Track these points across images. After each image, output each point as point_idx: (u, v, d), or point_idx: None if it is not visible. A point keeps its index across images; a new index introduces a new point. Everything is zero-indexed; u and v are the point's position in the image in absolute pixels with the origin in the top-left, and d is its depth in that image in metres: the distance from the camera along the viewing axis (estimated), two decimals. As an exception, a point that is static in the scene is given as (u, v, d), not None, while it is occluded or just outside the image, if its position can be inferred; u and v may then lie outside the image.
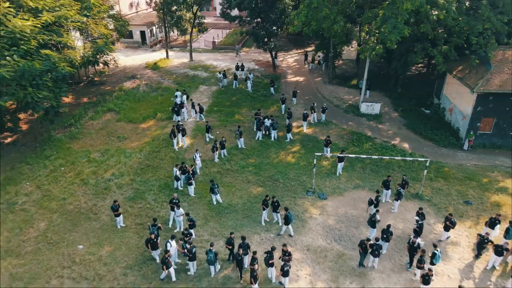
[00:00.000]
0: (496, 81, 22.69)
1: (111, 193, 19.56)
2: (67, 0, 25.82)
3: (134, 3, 50.07)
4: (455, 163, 22.44)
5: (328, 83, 34.58)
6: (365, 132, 26.00)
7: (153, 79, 35.15)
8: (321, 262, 15.34)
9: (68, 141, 24.46)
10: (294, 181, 20.42)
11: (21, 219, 17.71)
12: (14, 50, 20.39)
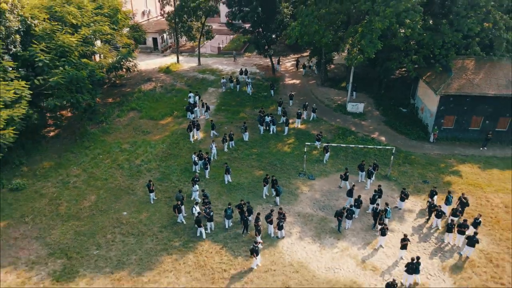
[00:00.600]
0: (455, 85, 27.75)
1: (142, 175, 24.63)
2: (99, 17, 30.98)
3: (146, 12, 55.08)
4: (421, 152, 27.52)
5: (320, 85, 39.63)
6: (350, 128, 31.07)
7: (167, 82, 40.17)
8: (308, 223, 20.40)
9: (102, 134, 29.52)
10: (289, 166, 25.50)
11: (75, 193, 22.77)
12: (64, 61, 25.50)
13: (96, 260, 18.01)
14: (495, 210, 21.16)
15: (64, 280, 16.89)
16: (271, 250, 18.63)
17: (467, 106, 28.10)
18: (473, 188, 23.15)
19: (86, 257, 18.16)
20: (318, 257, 18.18)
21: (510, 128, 28.41)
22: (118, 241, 19.16)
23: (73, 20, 28.33)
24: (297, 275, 17.17)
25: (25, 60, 25.42)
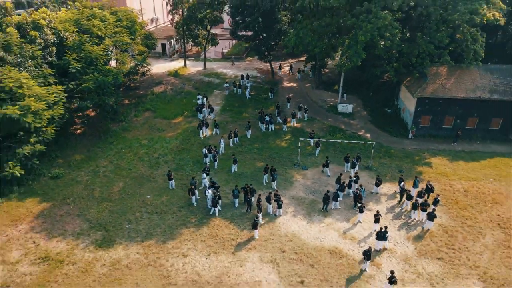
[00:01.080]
0: (430, 89, 32.15)
1: (160, 166, 29.02)
2: (120, 28, 35.39)
3: (154, 19, 59.47)
4: (400, 147, 31.92)
5: (315, 88, 44.01)
6: (340, 126, 35.47)
7: (176, 85, 44.55)
8: (301, 205, 24.78)
9: (122, 132, 33.91)
10: (285, 158, 29.88)
11: (105, 180, 27.16)
12: (93, 69, 29.91)
13: (129, 232, 22.39)
14: (456, 194, 25.57)
15: (105, 247, 21.26)
16: (270, 224, 23.01)
17: (440, 107, 32.49)
18: (440, 176, 27.56)
19: (120, 230, 22.54)
20: (308, 230, 22.57)
21: (478, 126, 32.79)
22: (145, 218, 23.55)
23: (98, 32, 32.74)
24: (290, 243, 21.54)
25: (59, 68, 29.82)
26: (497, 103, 31.50)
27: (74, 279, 19.19)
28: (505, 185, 26.47)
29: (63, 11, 35.67)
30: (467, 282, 18.98)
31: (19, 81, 24.04)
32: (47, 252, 20.79)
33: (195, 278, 19.21)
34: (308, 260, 20.33)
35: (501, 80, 31.83)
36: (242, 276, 19.36)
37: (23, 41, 27.40)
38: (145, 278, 19.28)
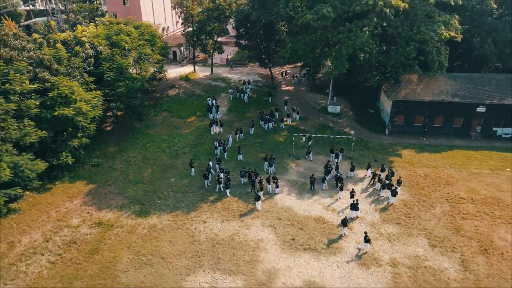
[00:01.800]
0: (403, 93, 38.79)
1: (180, 156, 35.64)
2: (142, 41, 42.03)
3: (165, 28, 66.12)
4: (377, 141, 38.56)
5: (309, 91, 50.62)
6: (329, 124, 42.11)
7: (187, 88, 51.16)
8: (294, 186, 31.39)
9: (145, 129, 40.53)
10: (282, 150, 36.51)
11: (136, 168, 33.79)
12: (124, 77, 36.54)
13: (160, 205, 29.02)
14: (417, 177, 32.21)
15: (143, 216, 27.89)
16: (270, 200, 29.64)
17: (412, 108, 39.11)
18: (407, 164, 34.22)
19: (153, 204, 29.17)
20: (299, 204, 29.19)
21: (443, 124, 39.43)
22: (171, 195, 30.18)
23: (126, 45, 39.41)
24: (285, 213, 28.17)
25: (96, 76, 36.41)
26: (459, 105, 38.12)
27: (123, 237, 25.84)
28: (458, 171, 33.11)
29: (91, 26, 42.39)
30: (416, 239, 25.61)
31: (72, 88, 30.68)
32: (100, 219, 27.47)
33: (213, 237, 25.84)
34: (298, 225, 26.97)
35: (462, 86, 38.47)
36: (248, 235, 26.00)
37: (70, 55, 34.04)
38: (176, 237, 25.92)
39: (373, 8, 33.25)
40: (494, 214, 27.73)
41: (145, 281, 22.53)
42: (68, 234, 26.11)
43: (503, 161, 34.71)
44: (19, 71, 28.65)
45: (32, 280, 22.60)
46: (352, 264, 23.78)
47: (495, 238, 25.55)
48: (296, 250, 24.76)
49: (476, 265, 23.51)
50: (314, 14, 34.72)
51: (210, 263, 23.73)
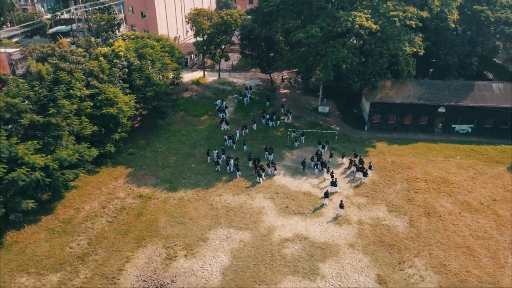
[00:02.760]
0: (378, 96, 47.81)
1: (197, 147, 44.64)
2: (164, 53, 51.03)
3: (177, 37, 75.14)
4: (358, 136, 47.56)
5: (303, 94, 59.59)
6: (319, 122, 51.07)
7: (199, 91, 60.12)
8: (288, 169, 40.40)
9: (167, 126, 49.51)
10: (280, 143, 45.51)
11: (163, 156, 42.80)
12: (151, 84, 45.50)
13: (185, 184, 38.02)
14: (386, 163, 41.21)
15: (172, 191, 36.87)
16: (269, 180, 38.60)
17: (386, 109, 48.11)
18: (379, 153, 43.23)
19: (179, 183, 38.16)
20: (292, 183, 38.19)
21: (411, 122, 48.40)
22: (193, 177, 39.18)
23: (150, 57, 48.41)
24: (281, 189, 37.15)
25: (129, 82, 45.28)
26: (424, 106, 47.10)
27: (159, 205, 34.86)
28: (419, 159, 42.13)
29: (120, 39, 51.37)
30: (378, 206, 34.63)
31: (115, 93, 39.68)
32: (140, 193, 36.50)
33: (227, 205, 34.85)
34: (291, 197, 35.98)
35: (426, 91, 47.49)
36: (253, 204, 35.00)
37: (110, 66, 43.03)
38: (199, 205, 34.92)
39: (351, 29, 42.18)
40: (440, 190, 36.78)
41: (180, 234, 31.54)
42: (118, 203, 35.14)
43: (456, 151, 43.75)
44: (78, 80, 37.64)
45: (98, 233, 31.62)
46: (329, 223, 32.81)
47: (437, 206, 34.59)
48: (289, 214, 33.79)
49: (419, 224, 32.55)
50: (305, 33, 43.71)
51: (225, 222, 32.74)
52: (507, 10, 49.21)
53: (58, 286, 26.87)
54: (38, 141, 32.75)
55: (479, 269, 28.05)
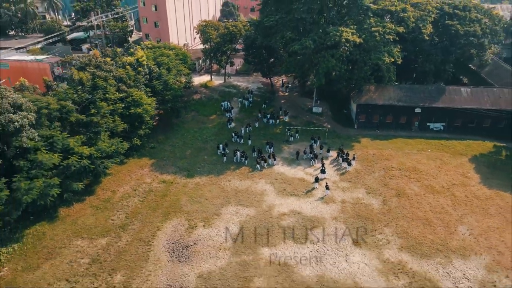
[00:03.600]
0: (363, 99, 55.91)
1: (208, 142, 52.77)
2: (178, 61, 59.07)
3: (186, 44, 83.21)
4: (346, 133, 55.69)
5: (300, 96, 67.65)
6: (312, 121, 59.18)
7: (207, 93, 68.18)
8: (286, 160, 48.50)
9: (181, 124, 57.62)
10: (279, 138, 53.63)
11: (180, 149, 50.92)
12: (168, 88, 53.57)
13: (200, 172, 46.13)
14: (368, 155, 49.31)
15: (190, 177, 44.96)
16: (270, 169, 46.71)
17: (370, 109, 56.19)
18: (363, 147, 51.33)
19: (195, 171, 46.25)
20: (288, 170, 46.29)
21: (392, 121, 56.45)
22: (206, 166, 47.29)
23: (166, 65, 56.47)
24: (280, 176, 45.26)
25: (150, 87, 53.24)
26: (402, 107, 55.15)
27: (180, 188, 42.97)
28: (396, 151, 50.19)
29: (139, 49, 59.42)
30: (359, 189, 42.72)
31: (141, 96, 47.75)
32: (163, 179, 44.60)
33: (235, 188, 42.94)
34: (288, 182, 44.08)
35: (404, 94, 55.58)
36: (257, 187, 43.09)
37: (135, 73, 51.07)
38: (212, 189, 43.01)
39: (339, 42, 50.23)
40: (410, 176, 44.86)
41: (198, 210, 39.62)
42: (146, 187, 43.24)
43: (428, 145, 51.86)
44: (111, 86, 45.72)
45: (132, 209, 39.72)
46: (318, 202, 40.90)
47: (406, 189, 42.67)
48: (286, 195, 41.89)
49: (391, 202, 40.64)
50: (300, 45, 51.77)
51: (234, 201, 40.83)
52: (475, 24, 57.28)
53: (106, 246, 34.97)
54: (82, 135, 40.89)
55: (433, 235, 36.14)
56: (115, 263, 33.23)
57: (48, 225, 37.32)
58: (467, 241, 35.44)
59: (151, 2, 75.34)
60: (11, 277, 31.92)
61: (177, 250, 34.64)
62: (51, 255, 34.00)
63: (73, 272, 32.32)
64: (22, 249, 34.55)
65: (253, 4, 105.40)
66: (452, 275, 32.03)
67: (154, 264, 33.20)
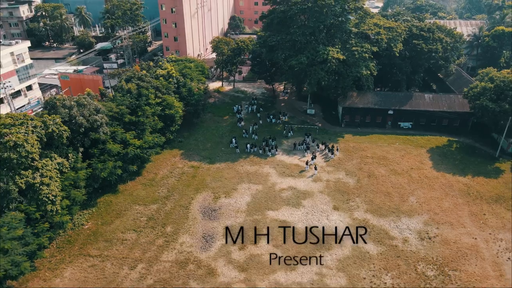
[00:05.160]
0: (348, 103, 70.59)
1: (224, 136, 67.50)
2: (198, 72, 73.72)
3: (200, 54, 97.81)
4: (333, 130, 70.41)
5: (297, 100, 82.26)
6: (307, 120, 73.86)
7: (220, 98, 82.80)
8: (285, 151, 63.19)
9: (200, 123, 72.29)
10: (280, 134, 68.28)
11: (202, 143, 65.66)
12: (193, 94, 68.24)
13: (219, 159, 60.81)
14: (349, 147, 63.99)
15: (211, 163, 59.65)
16: (272, 158, 61.38)
17: (353, 111, 70.82)
18: (346, 141, 66.01)
19: (215, 159, 60.93)
20: (287, 158, 60.97)
21: (371, 120, 71.03)
22: (223, 155, 61.99)
23: (189, 76, 71.08)
24: (280, 162, 59.94)
25: (178, 94, 67.77)
26: (378, 109, 69.76)
27: (205, 171, 57.68)
28: (371, 144, 64.85)
29: (165, 62, 74.03)
30: (340, 172, 57.42)
31: (173, 101, 62.37)
32: (192, 165, 59.32)
33: (247, 171, 57.63)
34: (286, 167, 58.79)
35: (380, 99, 70.21)
36: (263, 171, 57.79)
37: (167, 83, 65.62)
38: (230, 171, 57.71)
39: (327, 59, 64.76)
40: (380, 163, 59.52)
41: (220, 186, 54.23)
42: (179, 170, 57.90)
43: (397, 139, 66.52)
44: (151, 93, 60.33)
45: (171, 186, 54.37)
46: (309, 180, 55.56)
47: (375, 172, 57.33)
48: (285, 176, 56.55)
49: (363, 181, 55.31)
50: (296, 61, 66.38)
51: (246, 181, 55.45)
52: (437, 43, 71.95)
53: (157, 210, 49.57)
54: (133, 131, 55.55)
55: (390, 202, 50.82)
56: (165, 220, 47.94)
57: (113, 196, 52.00)
58: (413, 206, 50.15)
59: (171, 20, 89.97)
60: (94, 228, 46.60)
61: (207, 212, 49.33)
62: (119, 215, 48.70)
63: (136, 225, 47.01)
64: (98, 211, 49.26)
65: (257, 17, 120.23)
66: (399, 227, 46.74)
67: (193, 221, 47.89)
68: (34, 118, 41.45)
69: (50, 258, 42.09)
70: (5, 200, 36.71)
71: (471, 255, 42.54)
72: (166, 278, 40.17)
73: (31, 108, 69.24)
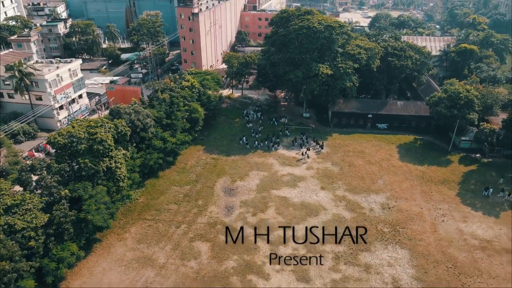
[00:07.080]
0: (336, 108, 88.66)
1: (236, 135, 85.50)
2: (214, 82, 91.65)
3: (212, 65, 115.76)
4: (324, 130, 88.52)
5: (295, 105, 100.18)
6: (303, 122, 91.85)
7: (230, 103, 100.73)
8: (285, 147, 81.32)
9: (217, 124, 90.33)
10: (281, 133, 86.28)
11: (219, 140, 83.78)
12: (211, 101, 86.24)
13: (233, 153, 78.83)
14: (335, 144, 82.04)
15: (228, 156, 77.66)
16: (275, 152, 79.45)
17: (340, 115, 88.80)
18: (333, 139, 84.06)
19: (231, 153, 78.97)
20: (287, 152, 79.07)
21: (355, 122, 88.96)
22: (237, 150, 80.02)
23: (208, 86, 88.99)
24: (281, 156, 78.02)
25: (199, 101, 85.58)
26: (360, 114, 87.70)
27: (224, 162, 75.76)
28: (353, 142, 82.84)
29: (187, 75, 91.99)
30: (327, 163, 75.48)
31: (196, 106, 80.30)
32: (212, 157, 77.47)
33: (255, 162, 75.75)
34: (286, 158, 76.91)
35: (361, 105, 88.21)
36: (267, 161, 75.92)
37: (191, 92, 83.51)
38: (243, 162, 75.83)
39: (318, 73, 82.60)
40: (359, 155, 77.57)
41: (235, 173, 72.21)
42: (203, 161, 75.95)
43: (374, 138, 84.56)
44: (180, 102, 78.22)
45: (198, 172, 72.45)
46: (303, 168, 73.57)
47: (355, 162, 75.40)
48: (284, 165, 74.62)
49: (345, 169, 73.40)
50: (294, 75, 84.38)
51: (255, 169, 73.54)
52: (409, 60, 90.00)
53: (190, 189, 67.54)
54: (168, 131, 73.53)
55: (364, 184, 68.86)
56: (196, 196, 66.00)
57: (155, 179, 70.07)
58: (380, 187, 68.22)
59: (189, 38, 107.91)
60: (146, 202, 64.64)
61: (227, 191, 67.40)
62: (162, 193, 66.74)
63: (176, 200, 65.06)
64: (146, 190, 67.30)
65: (261, 31, 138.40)
66: (368, 201, 64.80)
67: (217, 197, 65.96)
68: (108, 122, 59.37)
69: (118, 221, 60.06)
70: (95, 177, 54.62)
71: (416, 219, 60.60)
72: (202, 233, 58.20)
73: (81, 113, 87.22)
